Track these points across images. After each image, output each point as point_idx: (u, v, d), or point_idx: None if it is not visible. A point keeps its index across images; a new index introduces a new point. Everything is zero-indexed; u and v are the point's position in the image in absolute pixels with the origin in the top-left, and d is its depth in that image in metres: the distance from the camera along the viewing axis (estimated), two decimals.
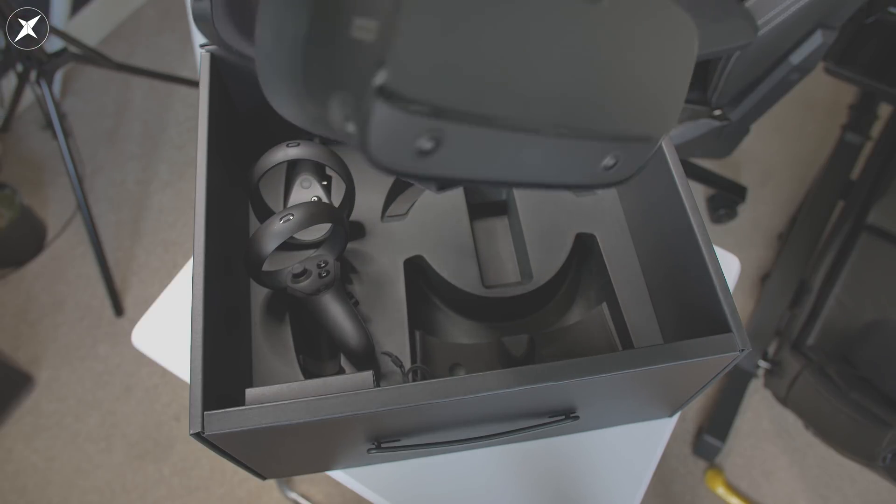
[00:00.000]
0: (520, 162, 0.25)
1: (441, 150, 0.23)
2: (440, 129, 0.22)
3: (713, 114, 1.12)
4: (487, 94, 0.22)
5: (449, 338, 0.62)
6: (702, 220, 0.46)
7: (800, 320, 1.21)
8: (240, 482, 1.24)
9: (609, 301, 0.59)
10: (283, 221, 0.50)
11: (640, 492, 0.58)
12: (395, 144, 0.22)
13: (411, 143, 0.22)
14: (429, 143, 0.22)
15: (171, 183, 1.60)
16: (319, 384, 0.44)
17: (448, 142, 0.23)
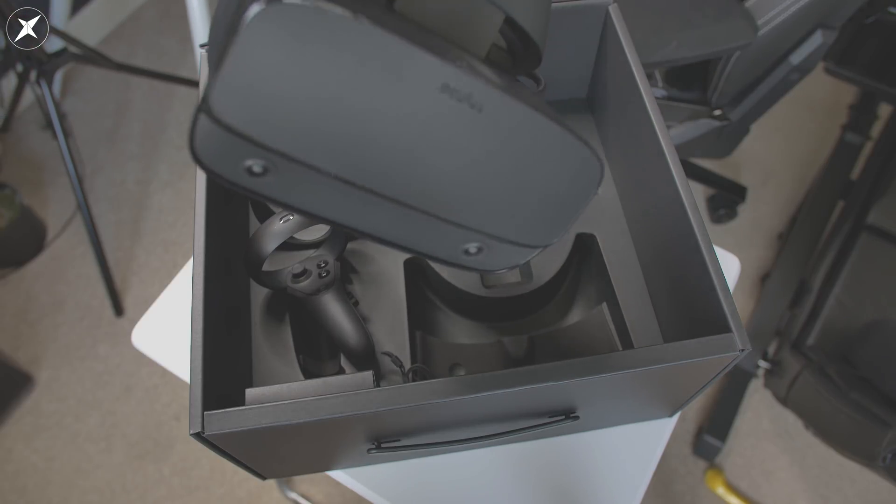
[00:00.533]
0: (364, 216, 0.26)
1: (271, 176, 0.24)
2: (267, 158, 0.23)
3: (713, 114, 1.12)
4: (315, 144, 0.23)
5: (449, 338, 0.62)
6: (702, 220, 0.46)
7: (800, 320, 1.21)
8: (240, 482, 1.24)
9: (609, 301, 0.59)
10: (283, 221, 0.50)
11: (640, 492, 0.58)
12: (218, 156, 0.23)
13: (237, 160, 0.23)
14: (258, 167, 0.23)
15: (171, 183, 1.60)
16: (319, 384, 0.44)
17: (279, 171, 0.23)
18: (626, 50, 0.53)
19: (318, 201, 0.25)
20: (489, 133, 0.24)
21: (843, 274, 1.19)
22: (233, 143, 0.23)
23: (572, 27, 0.58)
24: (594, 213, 0.61)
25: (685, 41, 0.94)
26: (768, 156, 1.64)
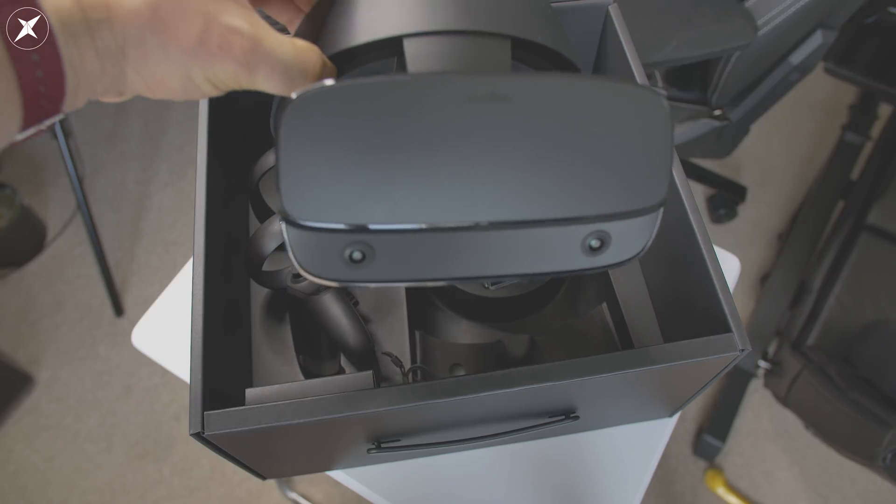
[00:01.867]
0: (473, 258, 0.25)
1: (374, 257, 0.24)
2: (361, 241, 0.23)
3: (713, 114, 1.12)
4: (401, 205, 0.23)
5: (449, 338, 0.62)
6: (702, 220, 0.46)
7: (800, 320, 1.21)
8: (240, 482, 1.24)
9: (609, 301, 0.59)
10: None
11: (640, 492, 0.58)
12: (322, 260, 0.23)
13: (336, 254, 0.23)
14: (357, 253, 0.24)
15: (171, 183, 1.60)
16: (319, 384, 0.44)
17: (378, 249, 0.24)
18: (626, 50, 0.53)
19: (424, 265, 0.24)
20: (532, 115, 0.23)
21: (843, 274, 1.19)
22: (326, 240, 0.23)
23: (572, 27, 0.58)
24: None
25: (685, 41, 0.94)
26: (768, 156, 1.64)
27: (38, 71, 0.22)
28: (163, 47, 0.25)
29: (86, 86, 0.24)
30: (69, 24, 0.23)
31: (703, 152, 1.25)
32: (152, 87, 0.26)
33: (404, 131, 0.23)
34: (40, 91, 0.22)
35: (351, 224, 0.23)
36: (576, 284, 0.64)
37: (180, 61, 0.25)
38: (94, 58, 0.24)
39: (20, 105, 0.22)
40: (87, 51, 0.23)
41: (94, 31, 0.24)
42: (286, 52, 0.27)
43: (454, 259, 0.25)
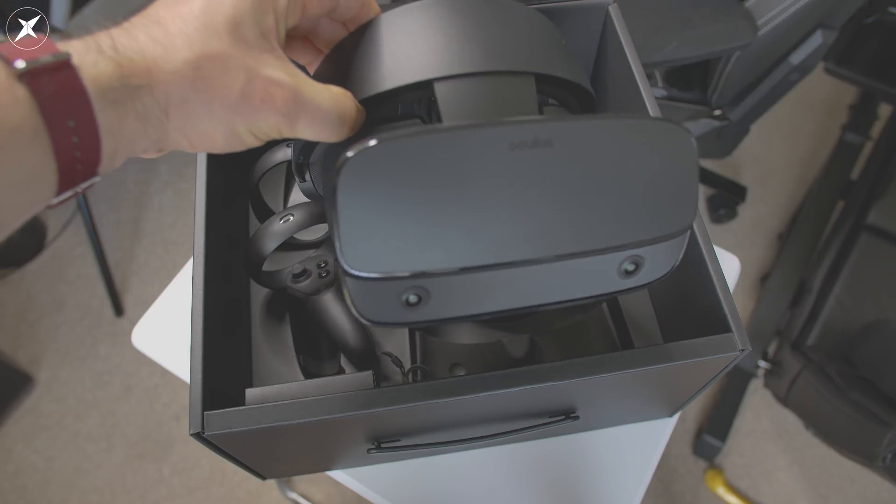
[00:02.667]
0: (518, 290, 0.27)
1: (429, 299, 0.25)
2: (418, 286, 0.25)
3: (713, 114, 1.12)
4: (455, 250, 0.25)
5: (449, 338, 0.62)
6: (702, 220, 0.46)
7: (800, 320, 1.21)
8: (240, 482, 1.24)
9: (609, 301, 0.59)
10: (282, 221, 0.50)
11: (640, 492, 0.58)
12: (382, 307, 0.25)
13: (394, 300, 0.25)
14: (413, 297, 0.25)
15: (171, 183, 1.60)
16: (319, 384, 0.44)
17: (433, 291, 0.25)
18: (626, 50, 0.53)
19: (476, 301, 0.26)
20: (575, 158, 0.25)
21: (843, 274, 1.19)
22: (385, 288, 0.25)
23: (572, 27, 0.58)
24: None
25: (685, 41, 0.94)
26: (768, 156, 1.64)
27: (74, 137, 0.22)
28: (206, 104, 0.25)
29: (125, 148, 0.25)
30: (109, 91, 0.23)
31: (703, 152, 1.25)
32: (195, 143, 0.27)
33: (455, 181, 0.24)
34: (76, 157, 0.22)
35: (408, 272, 0.25)
36: None
37: (224, 117, 0.26)
38: (134, 121, 0.24)
39: (55, 171, 0.22)
40: (128, 115, 0.24)
41: (136, 96, 0.24)
42: (325, 101, 0.28)
43: (503, 292, 0.26)
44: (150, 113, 0.24)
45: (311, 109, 0.27)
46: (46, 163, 0.22)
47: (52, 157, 0.22)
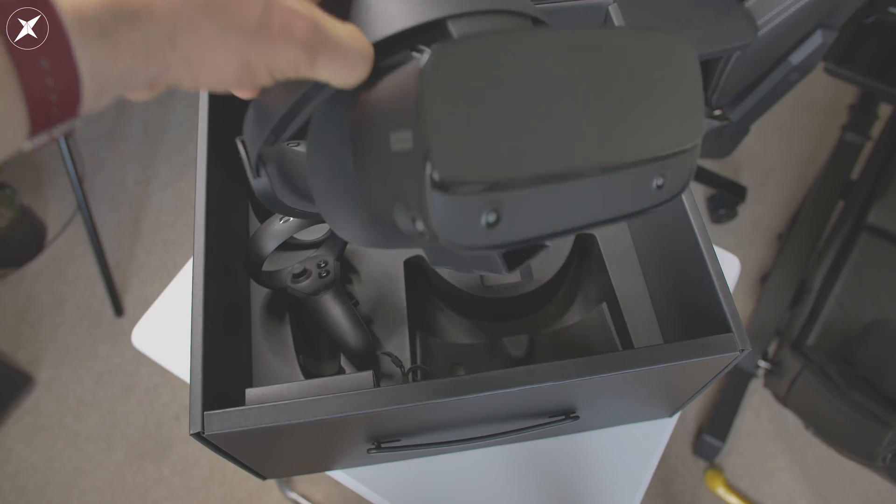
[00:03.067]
0: (579, 207, 0.27)
1: (504, 218, 0.24)
2: (497, 200, 0.24)
3: (713, 114, 1.12)
4: (527, 158, 0.24)
5: (449, 338, 0.62)
6: (702, 220, 0.46)
7: (800, 320, 1.21)
8: (240, 482, 1.24)
9: (609, 301, 0.59)
10: (283, 221, 0.50)
11: (640, 492, 0.58)
12: (463, 226, 0.24)
13: (476, 220, 0.24)
14: (492, 216, 0.24)
15: (171, 183, 1.61)
16: (319, 384, 0.44)
17: (508, 209, 0.24)
18: None
19: (542, 220, 0.26)
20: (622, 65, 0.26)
21: (843, 274, 1.19)
22: (467, 205, 0.23)
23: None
24: None
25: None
26: (768, 156, 1.64)
27: (49, 79, 0.20)
28: (220, 32, 0.23)
29: (113, 87, 0.22)
30: (95, 23, 0.20)
31: (703, 152, 1.25)
32: (200, 78, 0.24)
33: (529, 86, 0.24)
34: (51, 100, 0.20)
35: (498, 178, 0.24)
36: (576, 284, 0.64)
37: (239, 46, 0.23)
38: (128, 55, 0.21)
39: (26, 116, 0.20)
40: (120, 49, 0.21)
41: (132, 25, 0.21)
42: (346, 36, 0.26)
43: (566, 210, 0.26)
44: (152, 43, 0.22)
45: (332, 44, 0.25)
46: (15, 107, 0.19)
47: (23, 103, 0.19)
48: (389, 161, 0.25)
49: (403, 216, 0.25)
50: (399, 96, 0.24)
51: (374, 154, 0.26)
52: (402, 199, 0.25)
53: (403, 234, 0.27)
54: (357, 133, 0.28)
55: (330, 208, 0.31)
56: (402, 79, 0.24)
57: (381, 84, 0.26)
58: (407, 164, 0.23)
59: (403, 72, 0.24)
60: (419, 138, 0.22)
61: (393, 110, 0.24)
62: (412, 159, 0.23)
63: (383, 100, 0.25)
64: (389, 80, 0.26)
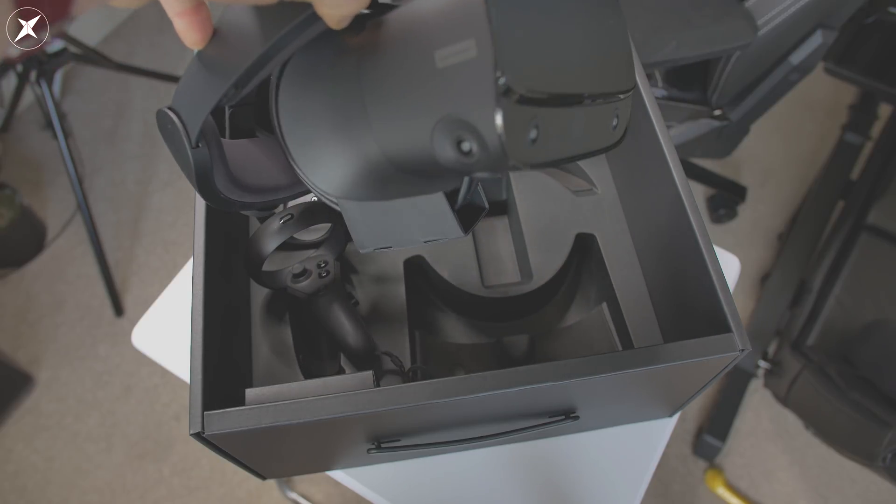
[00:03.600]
0: (576, 135, 0.28)
1: (542, 135, 0.25)
2: (538, 116, 0.25)
3: (713, 114, 1.12)
4: (564, 77, 0.26)
5: (449, 338, 0.62)
6: (702, 220, 0.46)
7: (800, 320, 1.21)
8: (240, 482, 1.24)
9: (609, 301, 0.59)
10: (283, 221, 0.50)
11: (640, 492, 0.58)
12: (518, 140, 0.24)
13: (526, 135, 0.24)
14: (534, 132, 0.25)
15: (171, 183, 1.61)
16: (319, 384, 0.44)
17: (545, 126, 0.25)
18: None
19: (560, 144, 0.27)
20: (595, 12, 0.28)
21: (843, 274, 1.19)
22: (526, 116, 0.24)
23: None
24: (594, 213, 0.61)
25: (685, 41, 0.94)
26: (768, 156, 1.64)
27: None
28: None
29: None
30: None
31: (703, 152, 1.25)
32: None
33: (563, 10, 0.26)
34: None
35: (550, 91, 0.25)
36: (576, 284, 0.64)
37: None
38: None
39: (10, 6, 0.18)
40: None
41: None
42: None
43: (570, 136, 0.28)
44: None
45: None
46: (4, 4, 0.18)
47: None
48: (432, 79, 0.25)
49: (445, 138, 0.25)
50: (448, 13, 0.24)
51: (404, 78, 0.26)
52: (448, 117, 0.25)
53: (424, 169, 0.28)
54: (375, 63, 0.27)
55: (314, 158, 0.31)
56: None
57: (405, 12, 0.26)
58: (462, 76, 0.24)
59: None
60: (486, 45, 0.23)
61: (441, 26, 0.24)
62: (473, 69, 0.23)
63: (417, 23, 0.25)
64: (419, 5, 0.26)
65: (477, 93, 0.23)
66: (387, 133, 0.28)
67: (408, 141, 0.27)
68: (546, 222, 0.61)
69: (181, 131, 0.33)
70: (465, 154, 0.25)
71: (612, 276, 0.58)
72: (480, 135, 0.24)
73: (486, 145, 0.24)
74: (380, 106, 0.28)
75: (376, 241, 0.35)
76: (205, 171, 0.36)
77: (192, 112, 0.32)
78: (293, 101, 0.30)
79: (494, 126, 0.23)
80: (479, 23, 0.23)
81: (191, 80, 0.31)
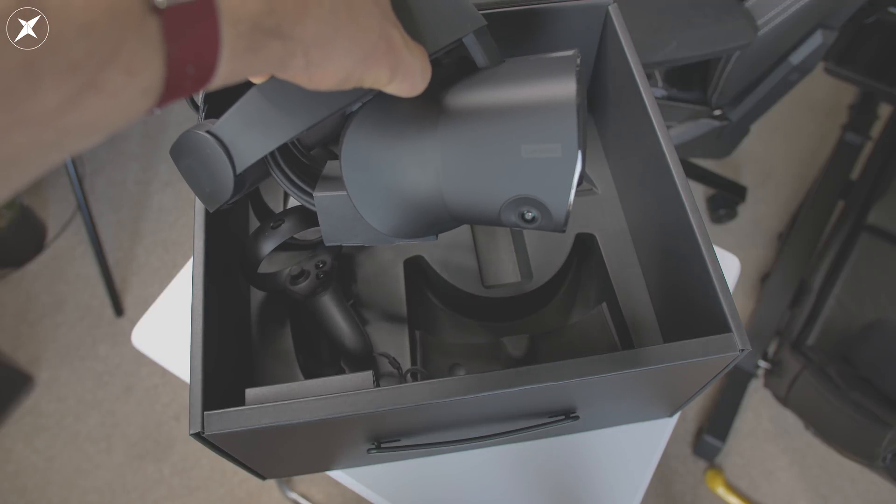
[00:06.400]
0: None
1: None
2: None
3: (713, 114, 1.12)
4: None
5: (449, 338, 0.62)
6: (702, 220, 0.46)
7: (800, 320, 1.21)
8: (240, 482, 1.24)
9: (609, 301, 0.59)
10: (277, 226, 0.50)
11: (640, 492, 0.58)
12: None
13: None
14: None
15: (171, 183, 1.61)
16: (319, 384, 0.44)
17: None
18: (626, 50, 0.53)
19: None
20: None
21: (843, 274, 1.19)
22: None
23: (572, 27, 0.58)
24: (594, 213, 0.61)
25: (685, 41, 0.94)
26: (768, 156, 1.64)
27: (186, 81, 0.20)
28: (344, 52, 0.25)
29: (238, 78, 0.22)
30: (246, 38, 0.20)
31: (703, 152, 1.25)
32: (313, 82, 0.25)
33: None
34: (183, 86, 0.20)
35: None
36: (576, 284, 0.64)
37: (351, 65, 0.25)
38: (263, 63, 0.22)
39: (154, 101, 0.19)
40: (259, 57, 0.21)
41: (279, 42, 0.21)
42: (417, 58, 0.29)
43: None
44: (289, 56, 0.22)
45: (406, 65, 0.28)
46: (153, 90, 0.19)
47: (155, 97, 0.19)
48: (514, 165, 0.31)
49: (513, 209, 0.32)
50: (543, 111, 0.30)
51: (488, 156, 0.31)
52: (523, 196, 0.31)
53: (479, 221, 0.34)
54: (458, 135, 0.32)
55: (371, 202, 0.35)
56: (540, 100, 0.31)
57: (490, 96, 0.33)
58: (544, 169, 0.30)
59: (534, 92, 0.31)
60: (571, 151, 0.29)
61: (529, 125, 0.30)
62: (555, 165, 0.30)
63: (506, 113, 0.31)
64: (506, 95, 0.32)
65: (557, 184, 0.30)
66: (459, 195, 0.33)
67: (477, 205, 0.33)
68: None
69: (224, 161, 0.33)
70: (527, 221, 0.32)
71: (612, 276, 0.58)
72: (549, 212, 0.31)
73: (552, 218, 0.31)
74: (458, 173, 0.33)
75: (353, 240, 0.39)
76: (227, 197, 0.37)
77: (245, 145, 0.33)
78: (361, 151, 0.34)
79: (565, 208, 0.31)
80: (568, 133, 0.29)
81: (251, 113, 0.32)
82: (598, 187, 0.63)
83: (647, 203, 0.55)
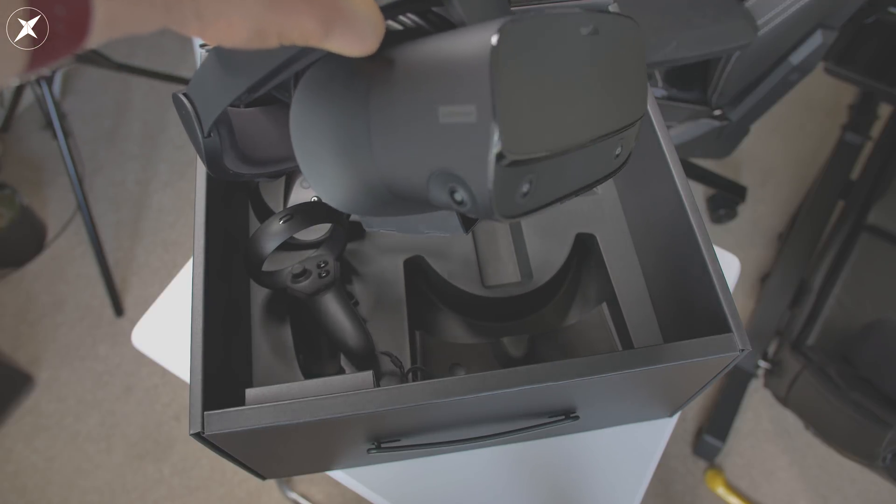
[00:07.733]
0: (574, 174, 0.29)
1: (536, 186, 0.26)
2: (534, 171, 0.25)
3: (713, 114, 1.12)
4: (563, 133, 0.26)
5: (449, 338, 0.62)
6: (702, 220, 0.46)
7: (800, 320, 1.21)
8: (240, 482, 1.24)
9: (609, 301, 0.59)
10: (282, 222, 0.50)
11: (640, 492, 0.58)
12: (509, 197, 0.25)
13: (518, 190, 0.25)
14: (527, 186, 0.26)
15: (171, 183, 1.61)
16: (319, 384, 0.44)
17: (540, 178, 0.26)
18: None
19: (556, 188, 0.28)
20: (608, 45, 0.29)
21: (843, 274, 1.19)
22: (517, 177, 0.25)
23: None
24: (594, 213, 0.61)
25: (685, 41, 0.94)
26: (768, 156, 1.64)
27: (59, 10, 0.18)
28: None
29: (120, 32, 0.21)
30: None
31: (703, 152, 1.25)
32: (211, 34, 0.23)
33: (561, 65, 0.26)
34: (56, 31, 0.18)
35: (548, 152, 0.25)
36: (576, 284, 0.64)
37: (257, 13, 0.23)
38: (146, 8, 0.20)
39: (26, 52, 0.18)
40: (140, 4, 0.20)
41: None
42: (361, 7, 0.25)
43: (568, 176, 0.28)
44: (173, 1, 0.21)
45: (347, 18, 0.24)
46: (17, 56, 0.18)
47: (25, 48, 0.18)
48: (432, 131, 0.25)
49: (440, 186, 0.26)
50: (454, 70, 0.24)
51: (408, 122, 0.26)
52: (444, 169, 0.25)
53: (419, 202, 0.29)
54: (383, 99, 0.28)
55: (318, 171, 0.31)
56: (457, 53, 0.24)
57: (418, 52, 0.26)
58: (460, 136, 0.24)
59: (455, 45, 0.25)
60: (486, 114, 0.23)
61: (445, 83, 0.25)
62: (471, 132, 0.24)
63: (426, 71, 0.26)
64: (431, 50, 0.26)
65: (472, 155, 0.24)
66: (388, 168, 0.29)
67: (406, 179, 0.28)
68: (546, 222, 0.61)
69: (195, 120, 0.35)
70: (458, 203, 0.26)
71: (612, 276, 0.58)
72: (472, 192, 0.25)
73: (476, 201, 0.25)
74: (384, 142, 0.28)
75: (382, 223, 0.36)
76: (215, 155, 0.38)
77: (205, 105, 0.34)
78: (305, 115, 0.31)
79: (486, 188, 0.24)
80: (482, 89, 0.23)
81: (208, 73, 0.32)
82: (598, 187, 0.63)
83: (647, 203, 0.55)
